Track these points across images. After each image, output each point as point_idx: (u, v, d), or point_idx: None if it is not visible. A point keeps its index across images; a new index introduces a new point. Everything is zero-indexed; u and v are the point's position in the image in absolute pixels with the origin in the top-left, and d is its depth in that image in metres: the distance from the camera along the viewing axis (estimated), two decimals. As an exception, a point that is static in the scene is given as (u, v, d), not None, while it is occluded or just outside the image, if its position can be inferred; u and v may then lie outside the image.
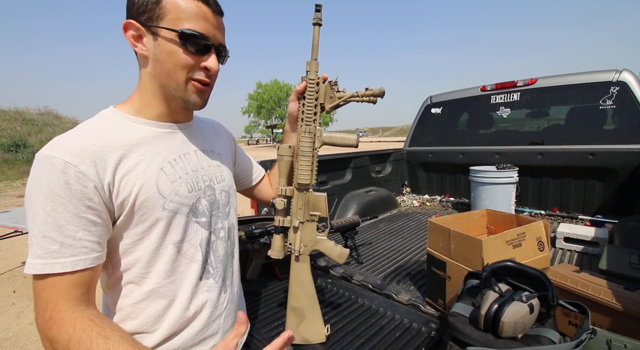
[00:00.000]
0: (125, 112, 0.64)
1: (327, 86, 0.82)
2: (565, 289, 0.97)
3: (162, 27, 0.57)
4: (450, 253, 1.08)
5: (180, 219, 0.64)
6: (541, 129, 2.59)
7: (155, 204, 0.60)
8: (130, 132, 0.61)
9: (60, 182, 0.51)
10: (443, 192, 3.02)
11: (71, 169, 0.52)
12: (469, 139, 2.85)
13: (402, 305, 1.20)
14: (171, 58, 0.59)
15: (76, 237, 0.53)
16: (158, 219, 0.61)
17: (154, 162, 0.62)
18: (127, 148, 0.59)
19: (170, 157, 0.65)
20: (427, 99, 3.13)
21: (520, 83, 2.52)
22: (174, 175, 0.64)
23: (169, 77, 0.61)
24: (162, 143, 0.65)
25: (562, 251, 1.69)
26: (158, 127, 0.66)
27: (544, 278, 0.71)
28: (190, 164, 0.68)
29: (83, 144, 0.55)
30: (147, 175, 0.60)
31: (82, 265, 0.53)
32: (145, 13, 0.58)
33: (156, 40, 0.59)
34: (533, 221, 1.12)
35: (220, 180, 0.75)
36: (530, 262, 1.04)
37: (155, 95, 0.64)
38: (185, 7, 0.58)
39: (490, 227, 1.35)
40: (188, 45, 0.59)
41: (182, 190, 0.65)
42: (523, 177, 2.39)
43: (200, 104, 0.67)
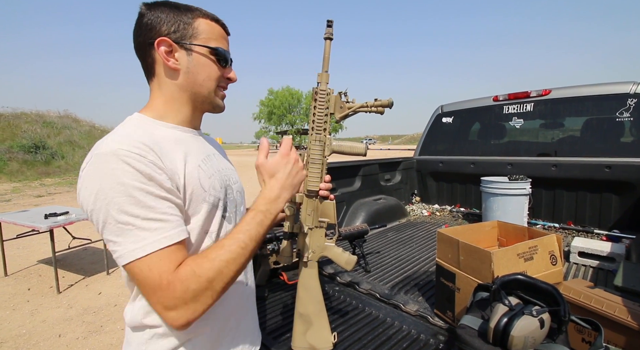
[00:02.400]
0: (152, 117, 0.69)
1: (337, 97, 0.85)
2: (578, 305, 0.95)
3: (198, 44, 0.66)
4: (460, 264, 1.07)
5: (216, 212, 0.70)
6: (555, 141, 2.55)
7: (199, 196, 0.65)
8: (166, 133, 0.67)
9: (138, 170, 0.55)
10: (453, 202, 2.99)
11: (142, 159, 0.56)
12: (480, 149, 2.83)
13: (410, 315, 1.19)
14: (204, 70, 0.68)
15: (169, 212, 0.57)
16: (201, 209, 0.66)
17: (192, 159, 0.67)
18: (171, 145, 0.65)
19: (200, 157, 0.70)
20: (438, 108, 3.12)
21: (534, 93, 2.49)
22: (210, 172, 0.70)
23: (201, 87, 0.69)
24: (190, 145, 0.70)
25: (576, 266, 1.64)
26: (183, 131, 0.71)
27: (556, 292, 0.70)
28: (214, 165, 0.74)
29: (140, 139, 0.59)
30: (190, 169, 0.65)
31: (185, 234, 0.59)
32: (178, 32, 0.65)
33: (190, 55, 0.67)
34: (546, 234, 1.10)
35: (235, 181, 0.80)
36: (542, 276, 1.02)
37: (185, 103, 0.71)
38: (212, 29, 0.69)
39: (501, 239, 1.33)
40: (218, 60, 0.69)
41: (218, 184, 0.70)
42: (536, 189, 2.35)
43: (223, 108, 0.76)
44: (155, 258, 0.54)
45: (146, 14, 0.65)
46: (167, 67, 0.67)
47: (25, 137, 12.39)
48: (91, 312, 2.75)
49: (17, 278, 3.49)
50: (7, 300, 2.98)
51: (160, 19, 0.65)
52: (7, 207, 7.01)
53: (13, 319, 2.67)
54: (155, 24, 0.64)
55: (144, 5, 0.66)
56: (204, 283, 0.55)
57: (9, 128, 12.76)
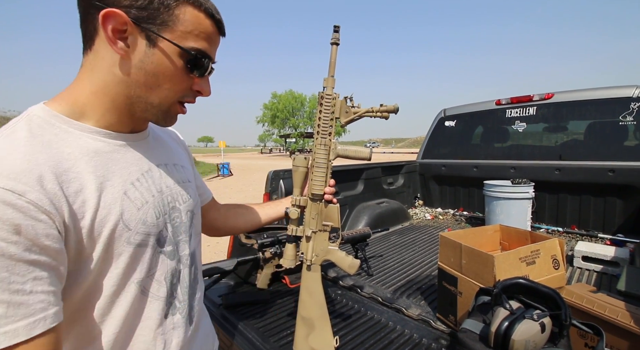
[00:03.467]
0: (65, 114, 0.49)
1: (342, 101, 0.86)
2: (580, 310, 0.95)
3: (167, 39, 0.49)
4: (462, 268, 1.07)
5: (146, 253, 0.54)
6: (558, 144, 2.55)
7: (119, 239, 0.49)
8: (79, 145, 0.49)
9: (2, 219, 0.37)
10: (456, 206, 2.98)
11: (16, 199, 0.38)
12: (483, 152, 2.82)
13: (412, 319, 1.19)
14: (166, 74, 0.51)
15: (25, 290, 0.38)
16: (120, 256, 0.50)
17: (114, 185, 0.50)
18: (77, 166, 0.47)
19: (132, 176, 0.53)
20: (440, 111, 3.13)
21: (537, 97, 2.49)
22: (141, 200, 0.53)
23: (152, 92, 0.51)
24: (120, 159, 0.53)
25: (579, 270, 1.63)
26: (111, 138, 0.53)
27: (557, 297, 0.70)
28: (155, 184, 0.57)
29: (24, 163, 0.41)
30: (106, 201, 0.48)
31: (42, 327, 0.39)
32: (146, 10, 0.47)
33: (151, 48, 0.49)
34: (548, 238, 1.10)
35: (185, 199, 0.64)
36: (545, 280, 1.02)
37: (119, 104, 0.52)
38: (200, 25, 0.50)
39: (504, 243, 1.33)
40: (188, 65, 0.52)
41: (150, 217, 0.54)
42: (540, 193, 2.34)
43: (173, 124, 0.59)
44: None
45: None
46: (110, 48, 0.48)
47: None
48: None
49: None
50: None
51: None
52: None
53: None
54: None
55: None
56: None
57: (15, 132, 12.91)
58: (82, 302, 0.49)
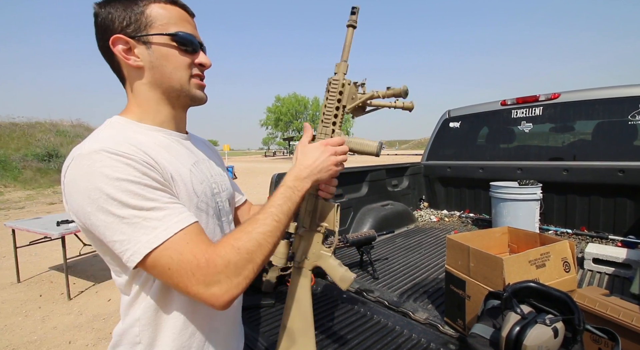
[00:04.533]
0: (131, 119, 0.64)
1: (352, 87, 0.76)
2: (593, 314, 0.92)
3: (155, 34, 0.59)
4: (470, 271, 1.05)
5: (209, 220, 0.66)
6: (566, 145, 2.51)
7: (192, 202, 0.61)
8: (148, 137, 0.62)
9: (130, 166, 0.51)
10: (462, 208, 2.95)
11: (131, 156, 0.52)
12: (489, 153, 2.79)
13: (419, 324, 1.17)
14: (170, 61, 0.61)
15: (172, 201, 0.54)
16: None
17: (183, 163, 0.64)
18: (157, 149, 0.60)
19: (189, 162, 0.66)
20: (445, 112, 3.11)
21: (543, 97, 2.46)
22: (199, 178, 0.66)
23: (171, 79, 0.62)
24: (177, 149, 0.66)
25: (590, 273, 1.60)
26: (167, 134, 0.67)
27: (570, 301, 0.68)
28: (203, 171, 0.70)
29: (125, 140, 0.56)
30: (182, 173, 0.61)
31: (193, 218, 0.55)
32: (131, 25, 0.59)
33: (150, 48, 0.60)
34: (558, 240, 1.08)
35: (225, 188, 0.76)
36: (555, 283, 0.99)
37: (159, 102, 0.65)
38: (169, 13, 0.61)
39: (512, 245, 1.31)
40: (182, 46, 0.62)
41: (208, 191, 0.67)
42: (547, 194, 2.30)
43: (204, 98, 0.69)
44: (180, 242, 0.50)
45: (99, 13, 0.59)
46: (130, 67, 0.61)
47: (39, 145, 12.72)
48: (101, 319, 2.78)
49: (29, 284, 3.55)
50: (20, 307, 3.03)
51: (112, 15, 0.58)
52: (20, 214, 7.17)
53: (25, 325, 2.71)
54: (108, 23, 0.59)
55: (96, 5, 0.60)
56: (244, 255, 0.53)
57: (23, 137, 13.13)
58: None
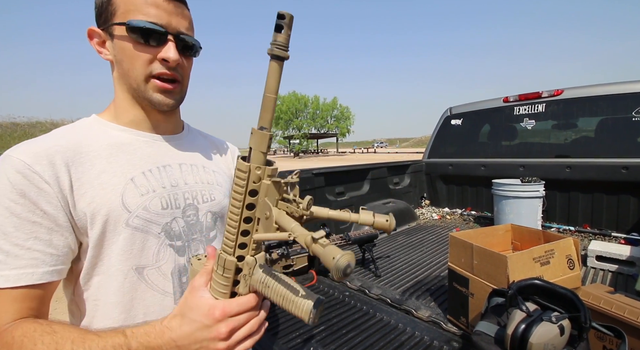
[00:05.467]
0: (105, 119, 0.60)
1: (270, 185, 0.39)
2: (598, 311, 0.91)
3: (113, 23, 0.53)
4: (473, 269, 1.05)
5: (147, 240, 0.55)
6: (569, 142, 2.50)
7: (118, 219, 0.52)
8: (104, 137, 0.56)
9: (11, 183, 0.45)
10: (464, 206, 2.94)
11: (25, 169, 0.46)
12: (491, 151, 2.78)
13: (422, 321, 1.17)
14: (126, 55, 0.54)
15: (25, 245, 0.45)
16: (119, 236, 0.52)
17: (124, 171, 0.55)
18: (94, 152, 0.54)
19: (145, 167, 0.58)
20: (446, 110, 3.09)
21: (546, 94, 2.45)
22: (146, 188, 0.56)
23: (129, 77, 0.55)
24: (138, 151, 0.58)
25: (594, 270, 1.59)
26: (136, 135, 0.60)
27: (575, 298, 0.67)
28: (170, 178, 0.60)
29: (46, 145, 0.50)
30: (112, 184, 0.53)
31: (28, 280, 0.45)
32: (102, 15, 0.54)
33: (112, 40, 0.54)
34: (562, 238, 1.07)
35: (207, 199, 0.64)
36: (560, 281, 0.99)
37: (127, 100, 0.59)
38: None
39: (516, 243, 1.30)
40: (137, 38, 0.52)
41: (154, 205, 0.56)
42: (550, 191, 2.29)
43: (166, 104, 0.58)
44: None
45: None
46: (108, 60, 0.57)
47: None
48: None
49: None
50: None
51: (95, 5, 0.55)
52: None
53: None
54: (95, 14, 0.55)
55: None
56: None
57: (25, 137, 13.18)
58: (89, 278, 0.53)
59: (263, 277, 0.41)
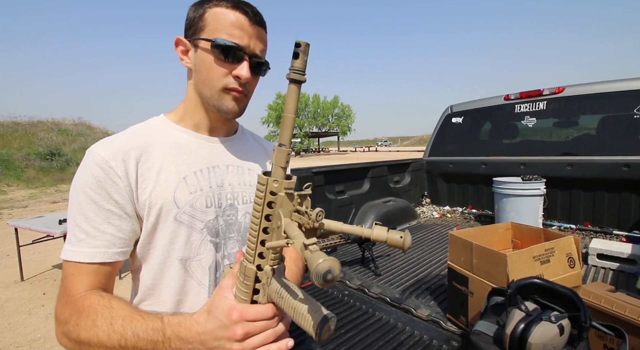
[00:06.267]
0: (170, 119, 0.67)
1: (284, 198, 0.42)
2: (599, 310, 0.91)
3: (201, 38, 0.60)
4: (473, 268, 1.04)
5: (191, 234, 0.61)
6: (570, 139, 2.48)
7: (169, 213, 0.58)
8: (167, 138, 0.63)
9: (92, 175, 0.54)
10: (465, 204, 2.93)
11: (104, 164, 0.55)
12: (492, 149, 2.77)
13: (421, 320, 1.16)
14: (205, 67, 0.61)
15: (100, 229, 0.54)
16: (168, 229, 0.59)
17: (179, 169, 0.61)
18: (159, 151, 0.61)
19: (196, 167, 0.63)
20: (447, 108, 3.08)
21: (547, 92, 2.43)
22: (195, 187, 0.62)
23: (204, 86, 0.62)
24: (193, 152, 0.64)
25: (595, 269, 1.58)
26: (194, 136, 0.66)
27: (575, 297, 0.67)
28: (217, 178, 0.65)
29: (121, 142, 0.58)
30: (168, 181, 0.59)
31: (101, 258, 0.54)
32: (192, 27, 0.61)
33: (196, 51, 0.61)
34: (562, 236, 1.06)
35: (247, 200, 0.69)
36: (560, 279, 0.98)
37: (197, 105, 0.66)
38: (223, 17, 0.59)
39: (516, 241, 1.29)
40: (218, 54, 0.59)
41: (200, 203, 0.62)
42: (551, 189, 2.28)
43: (234, 112, 0.64)
44: (70, 270, 0.54)
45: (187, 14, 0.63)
46: (186, 67, 0.65)
47: (42, 144, 12.76)
48: (104, 316, 2.79)
49: (32, 283, 3.57)
50: (23, 305, 3.05)
51: (187, 17, 0.62)
52: (24, 213, 7.21)
53: (29, 323, 2.72)
54: (185, 23, 0.63)
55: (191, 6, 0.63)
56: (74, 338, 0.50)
57: (26, 136, 13.18)
58: (145, 261, 0.59)
59: (278, 287, 0.42)
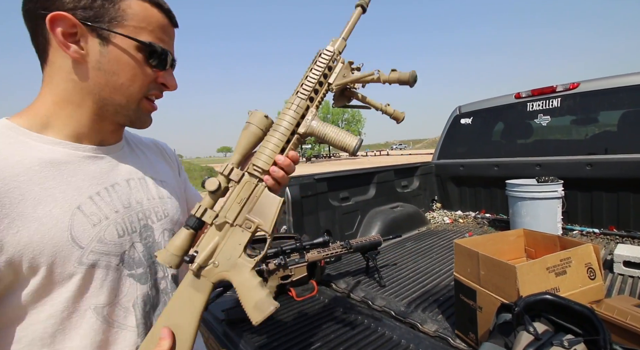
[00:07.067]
0: (26, 127, 0.48)
1: (346, 66, 0.61)
2: (624, 328, 0.81)
3: (121, 34, 0.47)
4: (480, 280, 0.96)
5: (105, 275, 0.49)
6: (589, 137, 2.34)
7: (68, 258, 0.45)
8: (31, 154, 0.46)
9: None
10: (478, 208, 2.80)
11: None
12: (504, 150, 2.65)
13: (428, 337, 1.08)
14: (126, 71, 0.49)
15: None
16: (70, 276, 0.45)
17: (66, 198, 0.46)
18: (23, 176, 0.44)
19: (92, 190, 0.50)
20: (455, 109, 2.98)
21: (560, 88, 2.31)
22: (98, 216, 0.49)
23: (117, 92, 0.50)
24: (80, 171, 0.49)
25: (621, 278, 1.45)
26: (75, 149, 0.50)
27: (593, 317, 0.58)
28: (121, 199, 0.53)
29: None
30: (54, 217, 0.44)
31: None
32: (91, 9, 0.46)
33: (106, 46, 0.47)
34: (580, 244, 0.97)
35: (162, 216, 0.59)
36: (579, 293, 0.88)
37: (84, 110, 0.50)
38: (149, 16, 0.49)
39: (529, 249, 1.19)
40: (152, 61, 0.50)
41: (110, 235, 0.50)
42: (570, 191, 2.14)
43: (148, 124, 0.57)
44: None
45: None
46: (62, 55, 0.47)
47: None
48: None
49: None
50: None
51: None
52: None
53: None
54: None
55: None
56: None
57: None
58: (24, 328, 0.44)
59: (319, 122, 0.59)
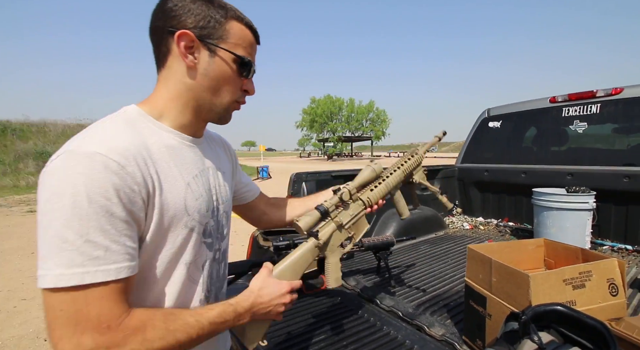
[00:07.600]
0: (149, 114, 0.61)
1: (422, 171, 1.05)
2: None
3: (224, 49, 0.60)
4: (492, 287, 0.93)
5: (195, 239, 0.62)
6: (630, 147, 2.18)
7: (180, 220, 0.58)
8: (157, 138, 0.59)
9: (108, 182, 0.47)
10: (500, 216, 2.70)
11: (120, 170, 0.48)
12: (534, 156, 2.52)
13: (433, 340, 1.07)
14: (225, 80, 0.62)
15: (120, 241, 0.48)
16: (178, 236, 0.59)
17: (182, 175, 0.60)
18: (158, 154, 0.57)
19: (193, 172, 0.63)
20: (484, 111, 2.87)
21: (601, 93, 2.16)
22: (198, 192, 0.62)
23: (214, 94, 0.62)
24: (185, 156, 0.63)
25: (653, 298, 1.35)
26: (181, 138, 0.63)
27: (606, 332, 0.56)
28: (207, 183, 0.67)
29: (125, 143, 0.52)
30: (177, 187, 0.58)
31: (126, 273, 0.49)
32: (205, 29, 0.59)
33: (213, 57, 0.60)
34: (604, 257, 0.91)
35: (224, 200, 0.73)
36: (598, 308, 0.84)
37: (188, 106, 0.62)
38: (244, 36, 0.63)
39: (549, 260, 1.14)
40: (243, 71, 0.63)
41: (204, 208, 0.63)
42: (604, 204, 2.02)
43: (228, 121, 0.70)
44: (92, 295, 0.45)
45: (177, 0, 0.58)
46: (181, 62, 0.59)
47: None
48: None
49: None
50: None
51: (189, 9, 0.58)
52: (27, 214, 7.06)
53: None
54: (182, 13, 0.57)
55: None
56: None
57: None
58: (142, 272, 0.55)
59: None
